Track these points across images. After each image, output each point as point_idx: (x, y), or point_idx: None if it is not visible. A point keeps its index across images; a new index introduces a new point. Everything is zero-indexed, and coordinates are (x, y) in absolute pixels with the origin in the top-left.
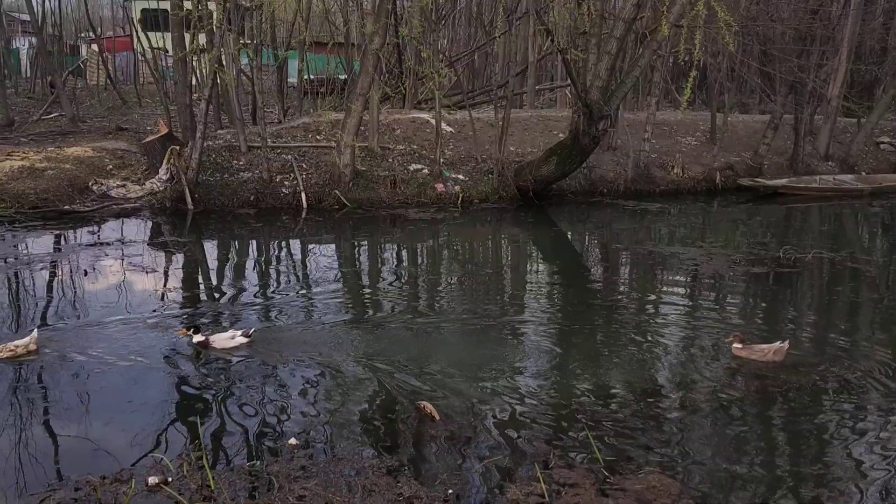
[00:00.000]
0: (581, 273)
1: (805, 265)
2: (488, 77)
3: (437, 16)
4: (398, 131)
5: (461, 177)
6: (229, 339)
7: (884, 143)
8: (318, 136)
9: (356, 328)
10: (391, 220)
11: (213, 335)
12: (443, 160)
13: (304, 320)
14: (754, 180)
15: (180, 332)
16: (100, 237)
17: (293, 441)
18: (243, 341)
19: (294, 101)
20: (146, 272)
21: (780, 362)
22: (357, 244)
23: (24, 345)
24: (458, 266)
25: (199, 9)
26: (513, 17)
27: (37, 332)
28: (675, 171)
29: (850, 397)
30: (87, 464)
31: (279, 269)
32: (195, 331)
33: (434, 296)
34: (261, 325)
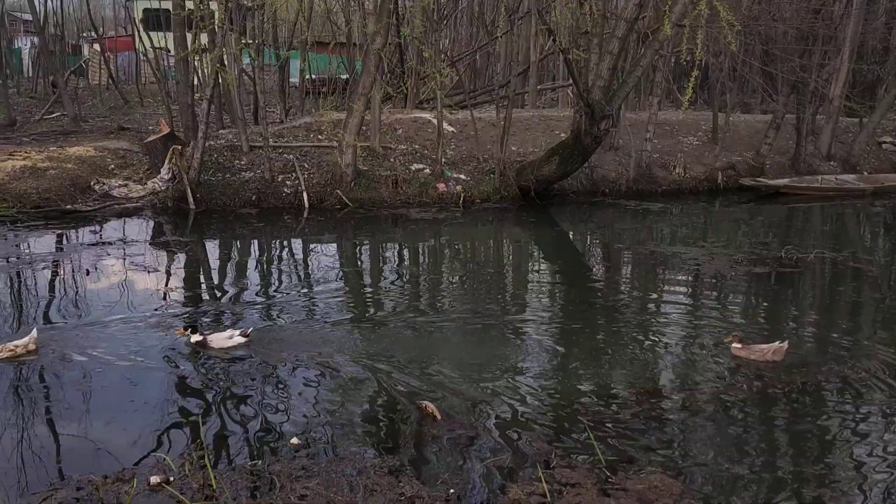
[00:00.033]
0: (583, 273)
1: (807, 265)
2: (490, 77)
3: (438, 15)
4: (400, 131)
5: (463, 176)
6: (227, 339)
7: (886, 142)
8: (319, 136)
9: (358, 328)
10: (393, 220)
11: (211, 335)
12: (444, 160)
13: (306, 320)
14: (756, 180)
15: (178, 332)
16: (101, 237)
17: (295, 440)
18: (241, 341)
19: (296, 101)
20: (148, 272)
21: (779, 362)
22: (358, 244)
23: (23, 345)
24: (460, 266)
25: (201, 8)
26: (515, 17)
27: (36, 332)
28: (677, 170)
29: (853, 397)
30: (88, 463)
31: (281, 268)
32: (193, 331)
33: (436, 295)
34: (262, 324)
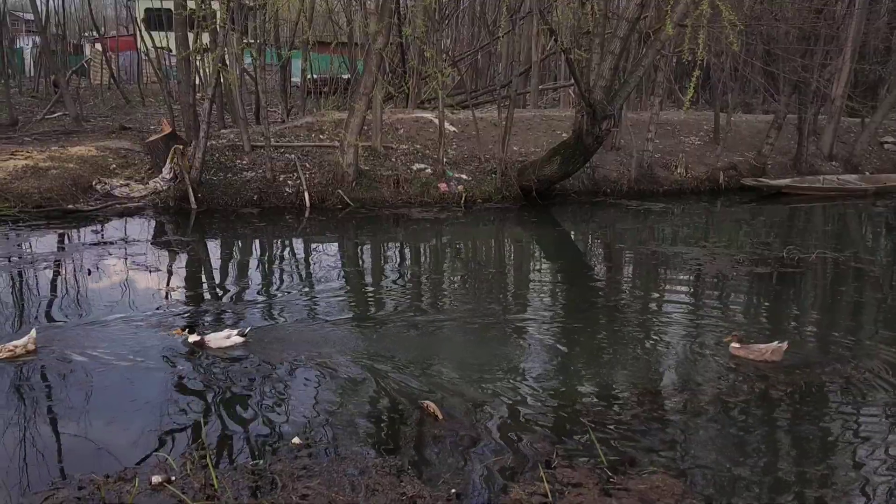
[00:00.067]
0: (584, 273)
1: (808, 265)
2: (492, 77)
3: (440, 15)
4: (401, 131)
5: (464, 176)
6: (225, 339)
7: (888, 142)
8: (321, 136)
9: (359, 327)
10: (394, 220)
11: (209, 335)
12: (446, 160)
13: (307, 319)
14: (758, 180)
15: (176, 332)
16: (103, 236)
17: (296, 440)
18: (239, 341)
19: (297, 101)
20: (149, 271)
21: (779, 362)
22: (360, 243)
23: (22, 345)
24: (461, 265)
25: (203, 8)
26: (516, 17)
27: (34, 331)
28: (679, 170)
29: (855, 397)
30: (90, 463)
31: (282, 268)
32: (190, 331)
33: (437, 295)
34: (264, 324)
